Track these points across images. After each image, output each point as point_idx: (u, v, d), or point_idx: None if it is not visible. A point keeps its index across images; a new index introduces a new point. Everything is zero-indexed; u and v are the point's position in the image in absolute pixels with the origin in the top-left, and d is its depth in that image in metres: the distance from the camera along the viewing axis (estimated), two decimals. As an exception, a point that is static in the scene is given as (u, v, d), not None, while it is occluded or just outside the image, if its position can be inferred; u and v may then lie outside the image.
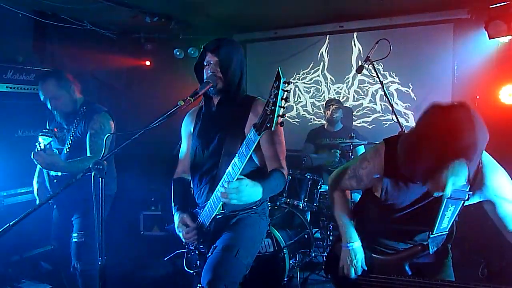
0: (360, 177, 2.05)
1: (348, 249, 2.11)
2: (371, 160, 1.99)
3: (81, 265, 3.08)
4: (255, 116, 2.12)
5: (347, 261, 2.11)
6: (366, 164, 2.01)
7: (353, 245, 2.11)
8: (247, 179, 1.91)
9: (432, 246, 1.97)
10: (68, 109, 3.17)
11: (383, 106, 5.45)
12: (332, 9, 5.01)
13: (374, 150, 2.00)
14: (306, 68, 5.94)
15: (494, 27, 4.24)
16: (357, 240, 2.13)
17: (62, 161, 3.00)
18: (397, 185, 1.91)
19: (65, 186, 1.88)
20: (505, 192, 1.82)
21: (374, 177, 1.98)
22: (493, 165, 1.82)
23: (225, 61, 2.21)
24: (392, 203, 1.96)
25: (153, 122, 1.93)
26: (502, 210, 1.86)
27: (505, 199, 1.83)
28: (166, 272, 4.31)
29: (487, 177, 1.79)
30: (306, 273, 4.07)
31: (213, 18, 5.30)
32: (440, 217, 1.89)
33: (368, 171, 2.00)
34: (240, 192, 1.87)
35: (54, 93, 3.11)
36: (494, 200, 1.84)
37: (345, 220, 2.18)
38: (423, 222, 1.96)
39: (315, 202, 4.28)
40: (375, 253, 2.13)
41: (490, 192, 1.82)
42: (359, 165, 2.06)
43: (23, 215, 1.81)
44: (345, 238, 2.15)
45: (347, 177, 2.13)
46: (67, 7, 4.44)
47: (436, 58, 5.08)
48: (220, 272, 2.03)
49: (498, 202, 1.84)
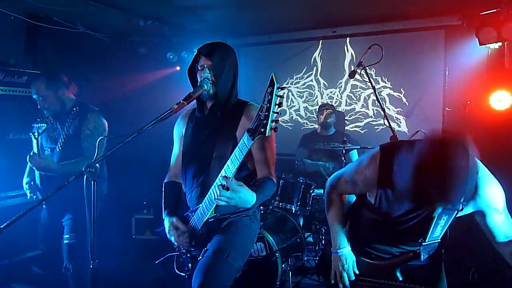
0: (355, 182, 2.07)
1: (339, 255, 2.13)
2: (367, 166, 2.00)
3: (73, 266, 3.11)
4: (247, 120, 2.13)
5: (338, 267, 2.13)
6: (362, 170, 2.03)
7: (343, 251, 2.13)
8: (245, 187, 1.92)
9: (423, 253, 1.99)
10: (55, 109, 3.24)
11: (375, 111, 5.48)
12: (325, 14, 5.04)
13: (370, 156, 2.01)
14: (299, 72, 5.96)
15: (485, 34, 4.29)
16: (346, 245, 2.15)
17: (55, 164, 3.07)
18: (392, 193, 1.93)
19: (57, 189, 1.87)
20: (497, 202, 1.86)
21: (369, 183, 2.00)
22: (487, 176, 1.85)
23: (218, 65, 2.21)
24: (386, 210, 1.98)
25: (145, 125, 1.93)
26: (492, 221, 1.89)
27: (496, 209, 1.86)
28: (158, 275, 4.28)
29: (480, 188, 1.82)
30: (298, 277, 4.07)
31: (207, 22, 5.32)
32: (433, 227, 1.91)
33: (364, 176, 2.01)
34: (236, 194, 1.87)
35: (42, 92, 3.20)
36: (485, 211, 1.87)
37: (336, 226, 2.19)
38: (416, 230, 1.97)
39: (307, 206, 4.28)
40: (367, 257, 2.14)
41: (482, 202, 1.85)
42: (355, 170, 2.07)
43: (14, 218, 1.80)
44: (335, 244, 2.17)
45: (343, 181, 2.15)
46: (60, 9, 4.42)
47: (427, 64, 5.13)
48: (210, 276, 2.03)
49: (489, 212, 1.87)
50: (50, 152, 3.24)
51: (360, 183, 2.05)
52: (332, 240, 2.20)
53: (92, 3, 4.25)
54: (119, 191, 4.06)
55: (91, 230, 1.78)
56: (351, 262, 2.12)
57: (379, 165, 1.92)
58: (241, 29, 5.89)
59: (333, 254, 2.16)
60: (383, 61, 3.71)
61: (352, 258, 2.13)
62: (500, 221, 1.89)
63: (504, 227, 1.90)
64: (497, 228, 1.90)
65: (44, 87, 3.19)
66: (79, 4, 4.32)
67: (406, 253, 2.04)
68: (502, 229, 1.90)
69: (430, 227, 1.91)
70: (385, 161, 1.89)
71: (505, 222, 1.90)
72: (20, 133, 4.21)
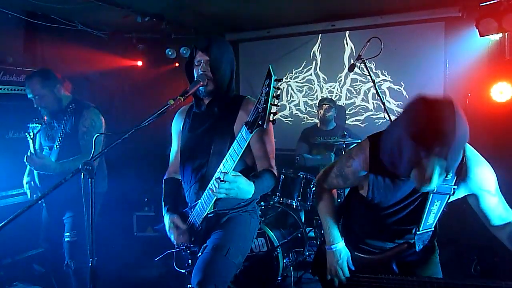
0: (345, 175, 2.03)
1: (332, 250, 2.10)
2: (356, 157, 1.96)
3: (74, 263, 3.10)
4: (245, 114, 2.11)
5: (333, 262, 2.10)
6: (351, 162, 1.99)
7: (336, 246, 2.10)
8: (243, 177, 1.90)
9: (418, 243, 1.97)
10: (53, 108, 3.22)
11: (376, 105, 5.46)
12: (324, 8, 5.02)
13: (359, 147, 1.99)
14: (298, 67, 5.94)
15: (485, 25, 4.26)
16: (340, 241, 2.11)
17: (53, 162, 3.06)
18: (384, 182, 1.90)
19: (54, 187, 1.86)
20: (489, 185, 1.83)
21: (359, 175, 1.97)
22: (477, 158, 1.83)
23: (216, 60, 2.20)
24: (379, 201, 1.95)
25: (143, 122, 1.92)
26: (486, 203, 1.86)
27: (488, 191, 1.84)
28: (159, 272, 4.29)
29: (471, 170, 1.79)
30: (300, 272, 4.06)
31: (205, 17, 5.29)
32: (426, 213, 1.89)
33: (354, 168, 1.98)
34: (233, 184, 1.86)
35: (38, 91, 3.17)
36: (478, 193, 1.85)
37: (329, 221, 2.16)
38: (410, 221, 1.95)
39: (308, 201, 4.27)
40: (362, 253, 2.12)
41: (474, 184, 1.82)
42: (345, 163, 2.03)
43: (13, 216, 1.80)
44: (328, 239, 2.13)
45: (333, 175, 2.10)
46: (57, 7, 4.41)
47: (427, 56, 5.10)
48: (210, 272, 2.02)
49: (482, 195, 1.85)
50: (48, 151, 3.23)
51: (351, 176, 2.01)
52: (325, 236, 2.17)
53: (90, 0, 4.23)
54: (120, 189, 4.05)
55: (90, 228, 1.77)
56: (345, 257, 2.09)
57: (369, 154, 1.89)
58: (240, 24, 5.86)
59: (327, 250, 2.14)
60: (382, 54, 3.68)
61: (346, 254, 2.10)
62: (494, 204, 1.86)
63: (499, 209, 1.87)
64: (492, 211, 1.87)
65: (39, 86, 3.15)
66: (77, 1, 4.31)
67: (400, 244, 2.02)
68: (497, 211, 1.87)
69: (423, 214, 1.89)
70: (375, 148, 1.85)
71: (499, 205, 1.87)
72: (19, 132, 4.21)
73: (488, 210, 1.87)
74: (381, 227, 2.04)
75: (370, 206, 1.99)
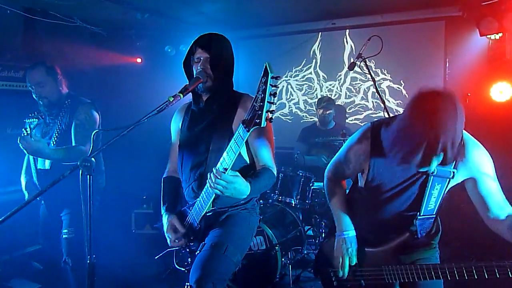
0: (349, 159, 2.09)
1: (344, 237, 2.09)
2: (359, 141, 2.03)
3: (72, 260, 3.10)
4: (243, 112, 2.09)
5: (342, 250, 2.08)
6: (353, 145, 2.06)
7: (349, 233, 2.10)
8: (241, 178, 1.89)
9: (420, 229, 1.97)
10: (53, 98, 3.17)
11: (375, 103, 5.46)
12: (324, 6, 5.00)
13: (362, 132, 2.04)
14: (298, 65, 5.93)
15: (486, 25, 4.26)
16: (352, 229, 2.12)
17: (47, 147, 2.98)
18: (384, 164, 1.95)
19: (52, 183, 1.84)
20: (487, 167, 1.86)
21: (361, 158, 2.03)
22: (474, 141, 1.88)
23: (215, 57, 2.18)
24: (379, 183, 1.98)
25: (141, 118, 1.91)
26: (485, 187, 1.86)
27: (487, 174, 1.85)
28: (158, 270, 4.28)
29: (469, 152, 1.84)
30: (298, 270, 4.06)
31: (205, 14, 5.27)
32: (427, 197, 1.90)
33: (356, 151, 2.05)
34: (230, 184, 1.84)
35: (40, 79, 3.12)
36: (477, 176, 1.86)
37: (340, 211, 2.17)
38: (410, 204, 1.97)
39: (307, 199, 4.27)
40: (366, 246, 2.11)
41: (473, 166, 1.85)
42: (348, 147, 2.10)
43: (10, 213, 1.79)
44: (340, 227, 2.13)
45: (338, 163, 2.17)
46: (56, 3, 4.39)
47: (427, 55, 5.10)
48: (208, 270, 2.01)
49: (481, 178, 1.86)
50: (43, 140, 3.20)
51: (353, 159, 2.07)
52: (336, 224, 2.16)
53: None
54: (118, 186, 4.05)
55: (87, 225, 1.76)
56: (355, 246, 2.08)
57: (370, 137, 1.97)
58: (240, 22, 5.84)
59: (337, 237, 2.12)
60: (382, 53, 3.68)
61: (356, 244, 2.09)
62: (493, 188, 1.86)
63: (498, 196, 1.87)
64: (491, 196, 1.86)
65: (45, 72, 3.11)
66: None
67: (402, 234, 2.01)
68: (496, 197, 1.86)
69: (424, 198, 1.90)
70: (376, 133, 1.94)
71: (498, 191, 1.87)
72: (18, 128, 4.17)
73: (487, 195, 1.87)
74: (383, 215, 2.04)
75: (371, 191, 2.03)
